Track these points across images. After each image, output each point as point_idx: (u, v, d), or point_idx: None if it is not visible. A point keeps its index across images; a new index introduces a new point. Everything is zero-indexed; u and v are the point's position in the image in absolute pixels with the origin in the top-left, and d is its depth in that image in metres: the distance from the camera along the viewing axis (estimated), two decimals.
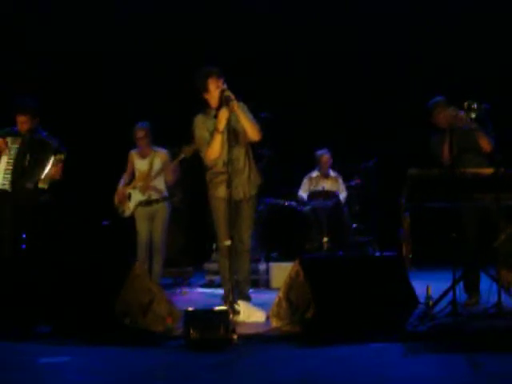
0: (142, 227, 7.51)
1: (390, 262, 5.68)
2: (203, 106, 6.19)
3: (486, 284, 5.75)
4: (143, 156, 7.56)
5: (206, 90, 6.10)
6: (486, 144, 6.19)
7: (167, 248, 7.72)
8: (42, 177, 6.85)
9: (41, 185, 6.86)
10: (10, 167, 6.83)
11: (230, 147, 5.71)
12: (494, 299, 5.44)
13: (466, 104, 5.75)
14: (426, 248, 7.22)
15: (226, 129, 5.80)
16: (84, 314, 5.18)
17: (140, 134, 7.47)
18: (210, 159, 6.11)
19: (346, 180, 9.83)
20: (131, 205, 7.54)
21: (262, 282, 8.44)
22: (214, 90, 6.04)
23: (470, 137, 6.30)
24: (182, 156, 6.99)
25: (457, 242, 5.45)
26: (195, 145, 6.29)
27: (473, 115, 5.76)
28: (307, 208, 9.26)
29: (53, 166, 6.89)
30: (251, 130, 6.07)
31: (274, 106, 7.97)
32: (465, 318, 5.20)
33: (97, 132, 10.58)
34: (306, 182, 9.75)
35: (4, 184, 6.82)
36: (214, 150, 6.00)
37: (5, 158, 6.87)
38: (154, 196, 7.52)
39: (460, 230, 5.59)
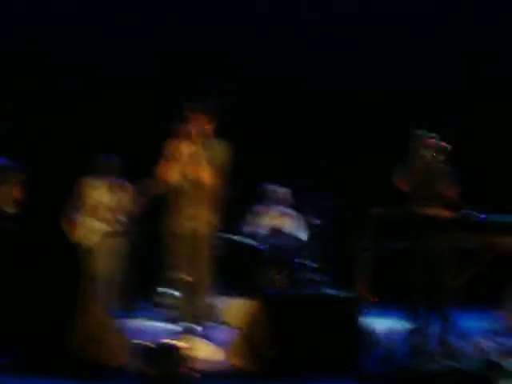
0: (103, 261, 7.21)
1: (349, 302, 5.66)
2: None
3: None
4: (109, 188, 7.36)
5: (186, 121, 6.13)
6: (453, 193, 6.10)
7: None
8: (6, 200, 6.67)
9: (8, 209, 6.67)
10: None
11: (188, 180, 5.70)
12: None
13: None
14: (386, 289, 7.19)
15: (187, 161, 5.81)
16: (37, 346, 5.02)
17: (112, 167, 7.29)
18: (161, 179, 6.10)
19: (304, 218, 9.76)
20: (95, 237, 7.29)
21: (214, 318, 8.31)
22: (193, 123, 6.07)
23: (435, 184, 6.17)
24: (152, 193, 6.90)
25: (417, 284, 5.43)
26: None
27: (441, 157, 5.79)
28: (266, 246, 9.16)
29: (14, 186, 6.71)
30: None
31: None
32: (425, 359, 5.16)
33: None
34: (260, 215, 9.60)
35: None
36: (168, 175, 6.02)
37: None
38: (119, 229, 7.35)
39: (418, 272, 5.55)
